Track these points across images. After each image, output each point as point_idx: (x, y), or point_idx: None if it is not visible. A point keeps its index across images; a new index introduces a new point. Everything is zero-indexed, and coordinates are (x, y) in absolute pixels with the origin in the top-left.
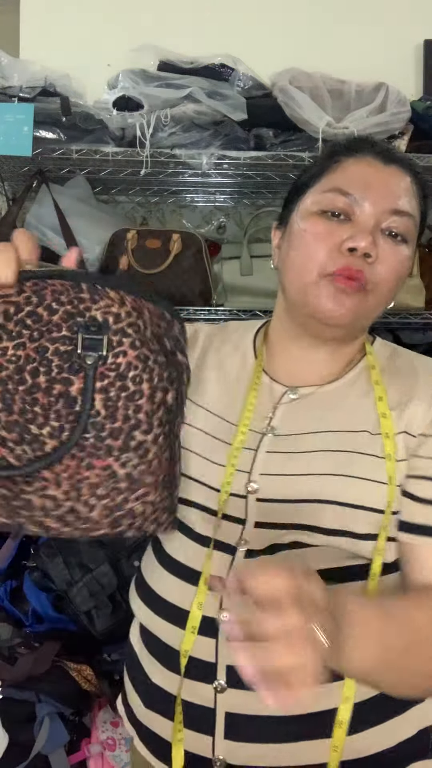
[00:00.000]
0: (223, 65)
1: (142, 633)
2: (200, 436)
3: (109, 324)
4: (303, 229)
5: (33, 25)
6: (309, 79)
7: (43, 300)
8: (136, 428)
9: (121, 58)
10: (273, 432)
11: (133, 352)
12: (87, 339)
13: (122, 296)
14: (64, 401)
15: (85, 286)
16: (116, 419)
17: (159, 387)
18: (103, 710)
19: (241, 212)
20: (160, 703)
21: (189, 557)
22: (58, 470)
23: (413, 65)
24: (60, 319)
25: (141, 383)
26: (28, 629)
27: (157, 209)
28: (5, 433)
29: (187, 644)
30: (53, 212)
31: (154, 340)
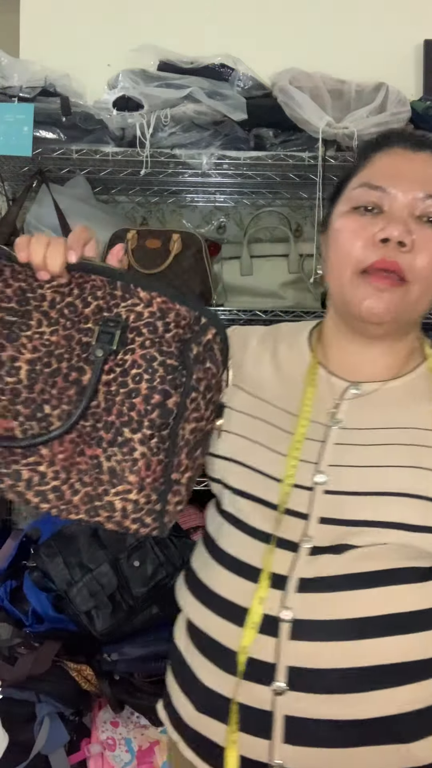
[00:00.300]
0: (223, 65)
1: (191, 632)
2: (261, 425)
3: (129, 322)
4: (337, 229)
5: (33, 25)
6: (309, 79)
7: (82, 293)
8: (126, 425)
9: (121, 58)
10: (339, 425)
11: (141, 351)
12: (103, 333)
13: (152, 297)
14: (76, 388)
15: (120, 284)
16: (111, 413)
17: (158, 389)
18: (103, 710)
19: (241, 212)
20: (212, 706)
21: (245, 553)
22: (56, 450)
23: (413, 65)
24: (90, 312)
25: (140, 382)
26: (28, 629)
27: (157, 209)
28: (21, 408)
29: (247, 640)
30: (53, 212)
31: (172, 344)
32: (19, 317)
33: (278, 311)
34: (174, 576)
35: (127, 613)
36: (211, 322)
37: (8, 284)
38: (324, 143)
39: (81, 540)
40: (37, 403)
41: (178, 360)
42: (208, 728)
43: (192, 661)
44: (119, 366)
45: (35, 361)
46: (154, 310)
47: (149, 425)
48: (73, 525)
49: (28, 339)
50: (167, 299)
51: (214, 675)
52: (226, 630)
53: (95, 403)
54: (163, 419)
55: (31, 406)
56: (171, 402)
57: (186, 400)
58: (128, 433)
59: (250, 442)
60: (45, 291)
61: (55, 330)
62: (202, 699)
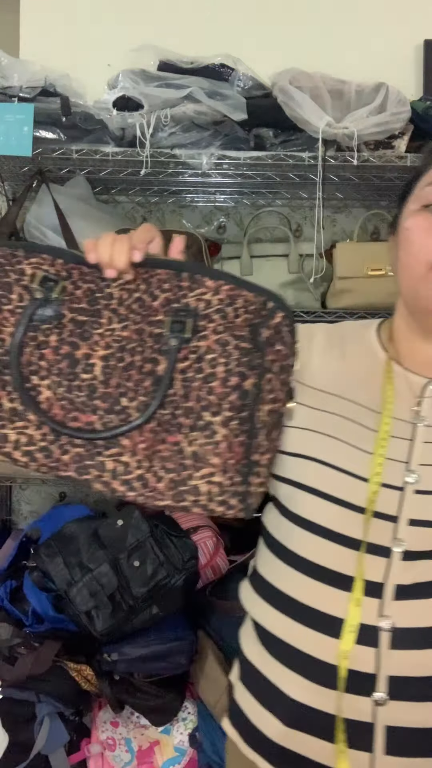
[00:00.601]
0: (223, 65)
1: (267, 642)
2: (339, 420)
3: (198, 310)
4: (408, 228)
5: (33, 25)
6: (309, 79)
7: (149, 287)
8: (206, 409)
9: (121, 58)
10: (424, 422)
11: (214, 336)
12: (174, 323)
13: (219, 285)
14: (151, 379)
15: (185, 275)
16: (189, 398)
17: (234, 371)
18: (103, 710)
19: (241, 212)
20: (305, 721)
21: (328, 559)
22: (137, 440)
23: (413, 65)
24: (159, 305)
25: (216, 366)
26: (28, 629)
27: (157, 209)
28: (99, 402)
29: (347, 645)
30: (53, 212)
31: (244, 328)
32: (90, 316)
33: None
34: (174, 576)
35: (127, 613)
36: (279, 306)
37: (78, 286)
38: (324, 143)
39: (81, 540)
40: (114, 397)
41: (250, 343)
42: (303, 745)
43: (271, 674)
44: (193, 353)
45: (109, 357)
46: (223, 297)
47: (229, 407)
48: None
49: (101, 336)
50: (234, 286)
51: (304, 688)
52: (316, 640)
53: (172, 391)
54: (242, 401)
55: (108, 400)
56: (248, 383)
57: (262, 381)
58: (209, 417)
59: (329, 437)
60: (113, 290)
61: (125, 325)
62: (293, 714)
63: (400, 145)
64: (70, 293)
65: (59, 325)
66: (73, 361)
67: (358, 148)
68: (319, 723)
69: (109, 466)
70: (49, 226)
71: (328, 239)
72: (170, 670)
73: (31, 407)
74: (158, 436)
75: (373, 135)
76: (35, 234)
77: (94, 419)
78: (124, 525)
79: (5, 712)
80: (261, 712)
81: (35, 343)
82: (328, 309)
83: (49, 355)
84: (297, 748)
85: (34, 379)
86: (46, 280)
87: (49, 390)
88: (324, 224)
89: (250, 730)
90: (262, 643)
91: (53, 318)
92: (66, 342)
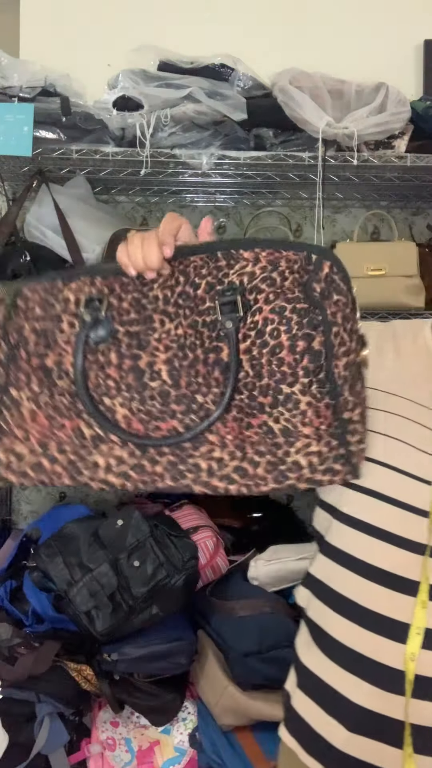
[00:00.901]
0: (223, 65)
1: (328, 647)
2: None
3: (244, 285)
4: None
5: (33, 25)
6: (309, 79)
7: (188, 278)
8: (282, 382)
9: (121, 58)
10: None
11: (267, 306)
12: (224, 305)
13: (257, 254)
14: (219, 368)
15: (221, 254)
16: (262, 376)
17: (299, 335)
18: (103, 710)
19: (241, 212)
20: (370, 726)
21: (391, 563)
22: (223, 433)
23: (413, 65)
24: (203, 292)
25: (279, 336)
26: (28, 629)
27: (157, 209)
28: (175, 406)
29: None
30: (53, 212)
31: (295, 289)
32: (142, 324)
33: None
34: (174, 576)
35: (127, 613)
36: (323, 256)
37: (122, 298)
38: (324, 143)
39: (81, 540)
40: (188, 397)
41: (306, 302)
42: (368, 751)
43: (332, 680)
44: (252, 329)
45: (172, 359)
46: (264, 265)
47: (304, 373)
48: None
49: (158, 341)
50: (272, 250)
51: (368, 694)
52: (381, 645)
53: (243, 374)
54: (316, 363)
55: (183, 402)
56: (317, 343)
57: (330, 336)
58: (287, 389)
59: (392, 439)
60: (156, 292)
61: (178, 323)
62: (357, 720)
63: (400, 145)
64: (117, 307)
65: (115, 341)
66: (138, 373)
67: (358, 148)
68: (385, 728)
69: (204, 465)
70: (49, 226)
71: (328, 239)
72: (170, 670)
73: (110, 428)
74: (243, 423)
75: (373, 135)
76: (35, 234)
77: (176, 424)
78: (124, 525)
79: (5, 712)
80: (324, 718)
81: (98, 365)
82: None
83: (113, 373)
84: (361, 754)
85: (106, 400)
86: (91, 302)
87: (123, 407)
88: (324, 224)
89: (312, 737)
90: (321, 649)
91: (107, 336)
92: (126, 356)
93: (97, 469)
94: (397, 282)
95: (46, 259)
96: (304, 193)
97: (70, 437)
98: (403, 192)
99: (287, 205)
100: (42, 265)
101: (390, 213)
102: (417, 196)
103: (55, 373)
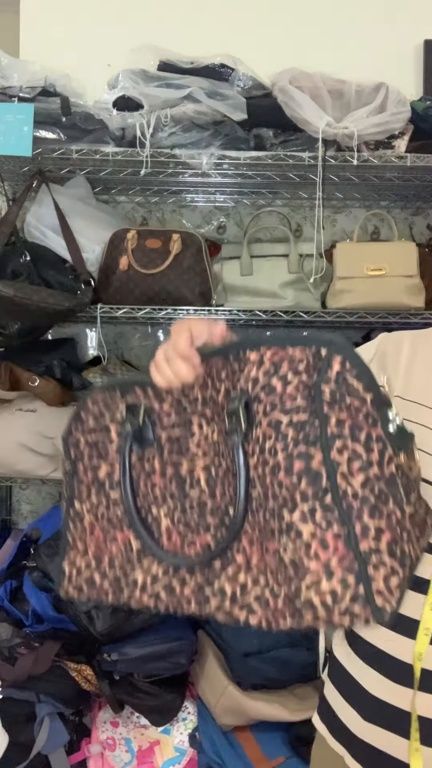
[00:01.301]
0: (223, 65)
1: (351, 641)
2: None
3: (249, 393)
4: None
5: (33, 25)
6: (309, 79)
7: (213, 381)
8: (283, 506)
9: (121, 58)
10: None
11: (265, 419)
12: (229, 416)
13: (261, 354)
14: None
15: (232, 357)
16: (268, 498)
17: (295, 455)
18: (103, 710)
19: (241, 212)
20: (383, 716)
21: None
22: (249, 552)
23: (413, 65)
24: (222, 398)
25: (276, 454)
26: (28, 629)
27: (157, 209)
28: (210, 519)
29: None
30: (53, 212)
31: (297, 396)
32: (182, 428)
33: (278, 311)
34: None
35: (127, 613)
36: (333, 349)
37: (163, 398)
38: (324, 143)
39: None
40: (222, 510)
41: (306, 412)
42: (380, 739)
43: (353, 669)
44: (256, 444)
45: (209, 466)
46: (267, 368)
47: (302, 498)
48: None
49: (196, 445)
50: (276, 348)
51: (382, 685)
52: (394, 640)
53: (256, 493)
54: (316, 486)
55: (217, 514)
56: (315, 463)
57: (330, 453)
58: (287, 516)
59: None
60: (195, 392)
61: (213, 428)
62: (370, 708)
63: (400, 145)
64: (158, 411)
65: (159, 447)
66: (180, 481)
67: (358, 148)
68: (394, 719)
69: (228, 589)
70: (49, 226)
71: (328, 239)
72: (170, 670)
73: (151, 542)
74: (262, 546)
75: (373, 135)
76: (35, 234)
77: (209, 539)
78: None
79: (5, 712)
80: (344, 705)
81: (145, 473)
82: (328, 309)
83: (158, 481)
84: (375, 742)
85: (154, 509)
86: (133, 408)
87: (166, 518)
88: (324, 224)
89: (338, 724)
90: (348, 643)
91: (150, 442)
92: (169, 463)
93: (135, 588)
94: (397, 282)
95: (46, 259)
96: (304, 193)
97: (120, 550)
98: (403, 192)
99: (287, 205)
100: (42, 265)
101: (390, 213)
102: (417, 196)
103: (107, 484)
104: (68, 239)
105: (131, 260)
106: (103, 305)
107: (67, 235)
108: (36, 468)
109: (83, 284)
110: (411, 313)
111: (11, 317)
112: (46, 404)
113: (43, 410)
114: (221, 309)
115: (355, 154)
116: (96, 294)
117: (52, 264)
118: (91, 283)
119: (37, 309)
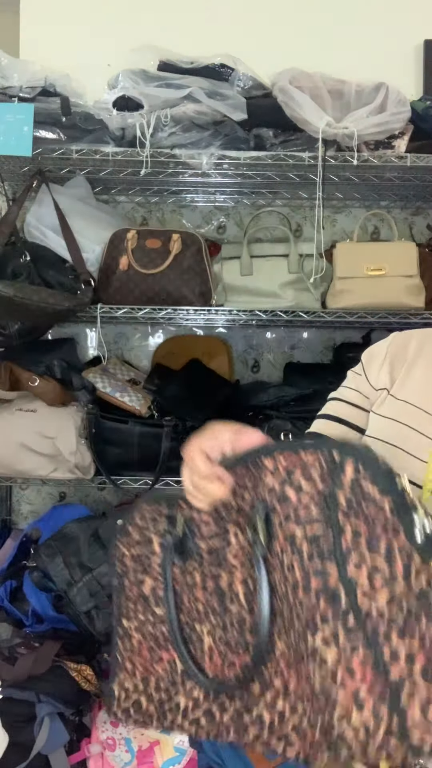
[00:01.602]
0: (223, 65)
1: None
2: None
3: (267, 503)
4: None
5: (33, 25)
6: (309, 79)
7: (241, 489)
8: (306, 628)
9: (121, 58)
10: None
11: (281, 534)
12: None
13: (276, 461)
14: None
15: (250, 464)
16: (292, 618)
17: (311, 572)
18: (103, 710)
19: (241, 212)
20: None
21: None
22: (287, 676)
23: (413, 65)
24: (249, 508)
25: (293, 571)
26: (28, 629)
27: (157, 209)
28: (249, 636)
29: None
30: (53, 212)
31: (312, 506)
32: (219, 538)
33: (278, 311)
34: None
35: None
36: (346, 453)
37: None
38: (324, 143)
39: (81, 540)
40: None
41: (320, 523)
42: None
43: None
44: (277, 557)
45: (246, 579)
46: (282, 476)
47: (323, 619)
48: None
49: (234, 556)
50: (289, 452)
51: None
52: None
53: (286, 611)
54: (335, 606)
55: (258, 629)
56: (332, 580)
57: (346, 568)
58: (311, 639)
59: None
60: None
61: (247, 538)
62: None
63: (400, 145)
64: (197, 520)
65: (199, 558)
66: (220, 594)
67: (358, 148)
68: None
69: (267, 718)
70: (49, 226)
71: (328, 239)
72: None
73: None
74: (298, 669)
75: (373, 135)
76: (35, 234)
77: (248, 659)
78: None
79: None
80: None
81: (188, 587)
82: (328, 309)
83: (200, 595)
84: None
85: (197, 626)
86: (171, 519)
87: (209, 636)
88: (324, 224)
89: None
90: None
91: (191, 553)
92: (209, 575)
93: (178, 713)
94: (397, 282)
95: (46, 259)
96: (304, 193)
97: (165, 671)
98: (403, 192)
99: (287, 205)
100: (42, 265)
101: (390, 213)
102: (417, 196)
103: (152, 600)
104: (68, 239)
105: (131, 260)
106: (103, 305)
107: (67, 235)
108: (36, 468)
109: (83, 284)
110: (411, 313)
111: (11, 317)
112: (46, 404)
113: (43, 410)
114: (221, 309)
115: (355, 154)
116: (96, 294)
117: (52, 264)
118: (91, 283)
119: (37, 309)
